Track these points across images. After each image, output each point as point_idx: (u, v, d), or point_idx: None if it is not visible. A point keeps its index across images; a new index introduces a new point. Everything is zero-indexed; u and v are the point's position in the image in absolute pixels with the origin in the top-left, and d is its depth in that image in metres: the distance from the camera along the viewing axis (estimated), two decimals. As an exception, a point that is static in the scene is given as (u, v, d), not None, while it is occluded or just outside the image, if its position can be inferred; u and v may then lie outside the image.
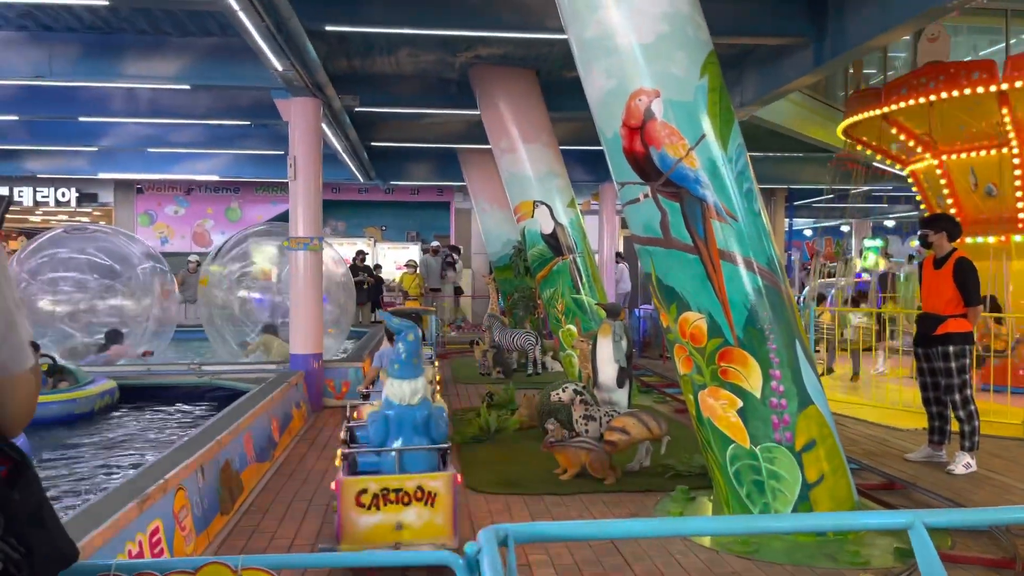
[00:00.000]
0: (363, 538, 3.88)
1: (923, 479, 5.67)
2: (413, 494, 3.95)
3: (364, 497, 3.90)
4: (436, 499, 3.96)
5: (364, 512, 3.90)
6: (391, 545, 3.87)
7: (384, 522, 3.91)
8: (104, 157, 15.73)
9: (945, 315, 5.89)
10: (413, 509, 3.94)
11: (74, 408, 7.33)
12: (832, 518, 3.19)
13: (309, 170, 8.51)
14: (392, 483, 3.94)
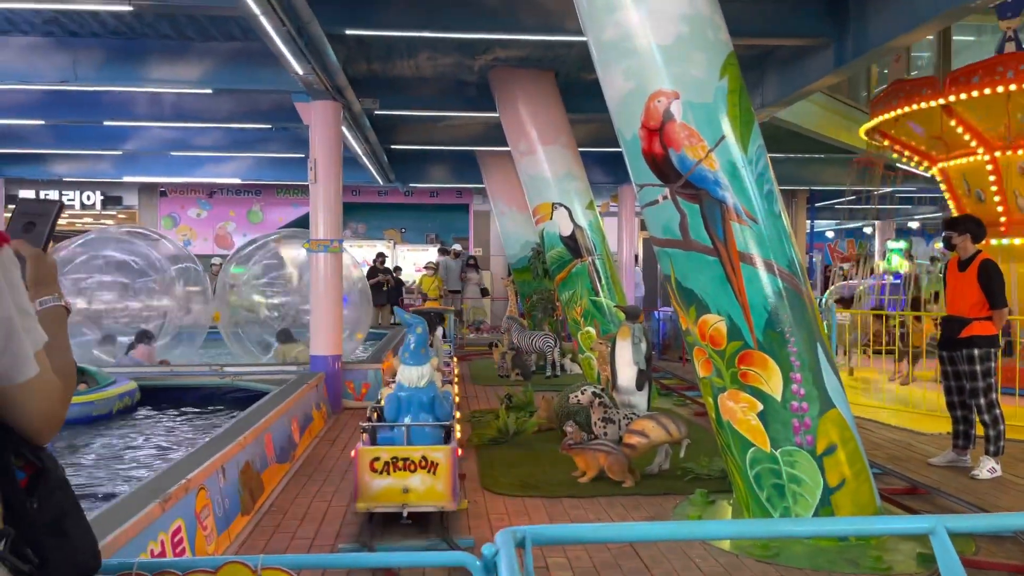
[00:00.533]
0: (374, 497, 4.57)
1: (947, 484, 5.60)
2: (418, 463, 4.57)
3: (377, 464, 4.57)
4: (438, 468, 4.58)
5: (376, 476, 4.56)
6: (398, 506, 4.57)
7: (393, 485, 4.57)
8: (128, 161, 15.94)
9: (970, 318, 5.81)
10: (418, 476, 4.57)
11: (91, 410, 7.42)
12: (852, 523, 3.16)
13: (329, 173, 8.57)
14: (401, 453, 4.59)
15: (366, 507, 4.59)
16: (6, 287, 1.25)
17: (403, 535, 4.59)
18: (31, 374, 1.26)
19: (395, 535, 4.60)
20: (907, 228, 24.26)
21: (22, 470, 1.30)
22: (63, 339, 1.43)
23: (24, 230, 1.47)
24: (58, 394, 1.33)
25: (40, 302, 1.42)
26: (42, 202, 1.52)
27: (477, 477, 5.83)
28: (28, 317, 1.29)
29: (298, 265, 11.43)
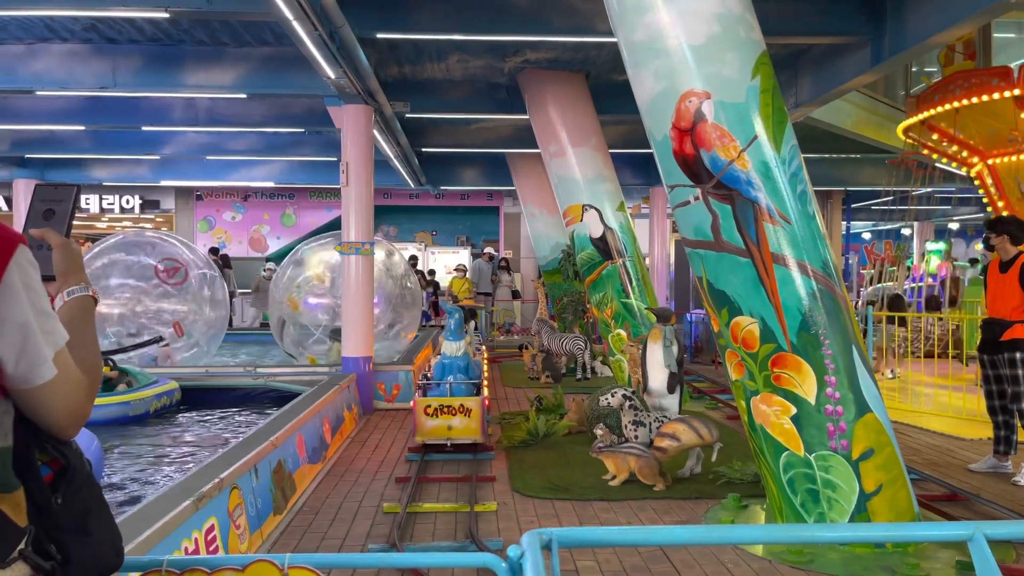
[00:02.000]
0: (428, 433, 6.52)
1: (987, 490, 5.46)
2: (458, 408, 6.54)
3: (429, 409, 6.53)
4: (471, 412, 6.55)
5: (429, 418, 6.53)
6: (444, 439, 6.49)
7: (440, 424, 6.52)
8: (165, 165, 16.24)
9: (1012, 320, 5.66)
10: (457, 418, 6.53)
11: (128, 410, 7.56)
12: (888, 528, 3.09)
13: (361, 176, 8.64)
14: (446, 402, 6.55)
15: (422, 440, 6.52)
16: (23, 289, 1.22)
17: (433, 536, 4.61)
18: (48, 376, 1.24)
19: (425, 536, 4.61)
20: (946, 229, 23.75)
21: (47, 466, 1.29)
22: (89, 331, 1.40)
23: (44, 218, 1.43)
24: (82, 390, 1.31)
25: (68, 292, 1.40)
26: (60, 187, 1.47)
27: (507, 479, 5.83)
28: (47, 318, 1.26)
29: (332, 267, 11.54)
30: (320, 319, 10.83)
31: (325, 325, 10.75)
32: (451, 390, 6.70)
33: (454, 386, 6.75)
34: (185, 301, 10.61)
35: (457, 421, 6.49)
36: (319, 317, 10.84)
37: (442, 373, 6.98)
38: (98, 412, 7.36)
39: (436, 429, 6.49)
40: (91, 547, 1.30)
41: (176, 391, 8.32)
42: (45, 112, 10.91)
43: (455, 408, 6.52)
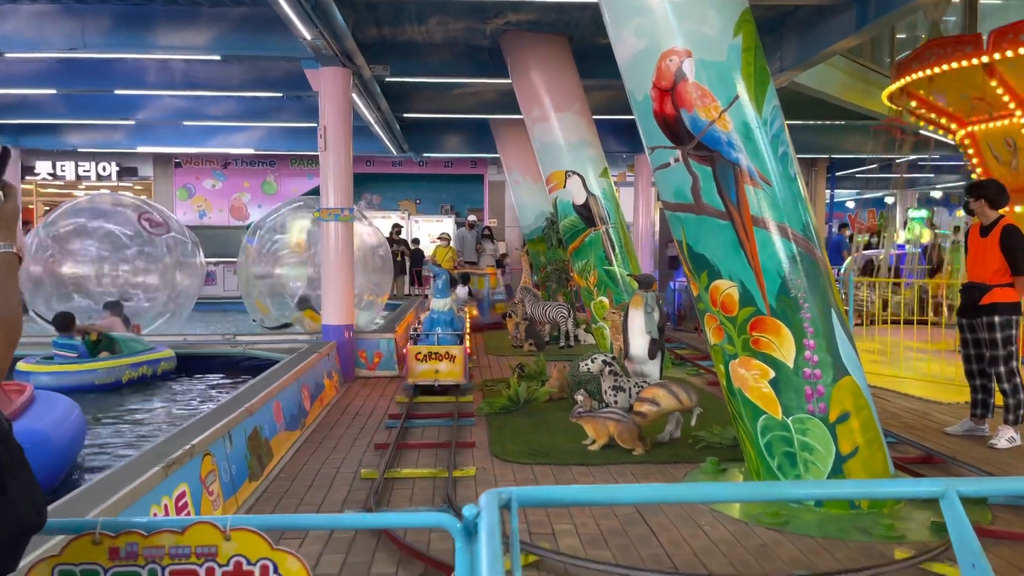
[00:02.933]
0: (418, 375, 7.60)
1: (963, 453, 5.50)
2: (444, 355, 7.64)
3: (420, 356, 7.64)
4: (456, 359, 7.66)
5: (419, 363, 7.64)
6: (432, 380, 7.59)
7: (429, 368, 7.62)
8: (142, 131, 15.94)
9: (991, 284, 5.66)
10: (444, 363, 7.64)
11: (93, 378, 7.48)
12: (860, 485, 3.08)
13: (339, 141, 8.49)
14: (434, 349, 7.67)
15: (414, 381, 7.61)
16: None
17: (410, 501, 4.59)
18: None
19: (402, 502, 4.59)
20: (929, 197, 23.84)
21: None
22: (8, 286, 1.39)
23: None
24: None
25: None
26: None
27: (487, 445, 5.81)
28: None
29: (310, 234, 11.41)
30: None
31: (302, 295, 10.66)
32: (438, 340, 7.83)
33: (441, 336, 7.88)
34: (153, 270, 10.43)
35: (443, 366, 7.63)
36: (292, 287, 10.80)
37: (431, 325, 8.17)
38: (64, 379, 7.27)
39: (425, 372, 7.63)
40: (7, 506, 1.26)
41: (162, 361, 8.22)
42: (16, 76, 10.64)
43: (441, 355, 7.64)
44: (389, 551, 3.77)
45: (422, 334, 8.01)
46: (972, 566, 1.57)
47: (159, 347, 8.33)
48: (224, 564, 1.55)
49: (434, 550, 3.74)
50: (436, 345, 7.69)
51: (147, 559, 1.54)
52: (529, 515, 4.24)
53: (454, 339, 7.86)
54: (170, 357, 8.35)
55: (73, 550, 1.55)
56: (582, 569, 3.54)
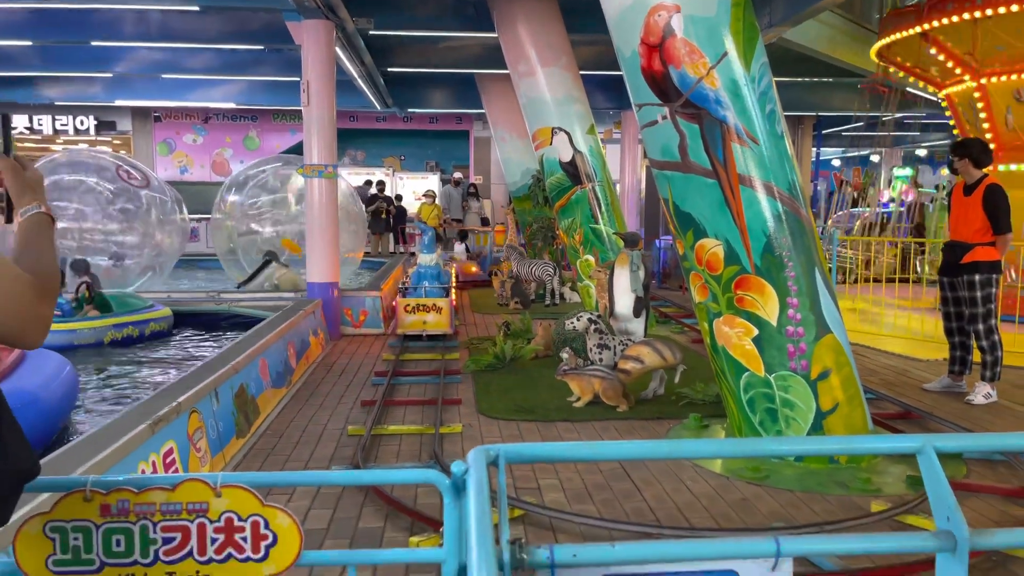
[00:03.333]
0: (407, 326, 8.12)
1: (941, 409, 5.61)
2: (431, 307, 8.13)
3: (408, 308, 8.13)
4: (442, 310, 8.16)
5: (408, 314, 8.14)
6: (420, 330, 8.12)
7: (417, 320, 8.11)
8: (119, 84, 15.60)
9: (973, 243, 5.72)
10: (431, 314, 8.14)
11: (73, 339, 7.44)
12: (838, 441, 3.15)
13: (323, 95, 8.35)
14: (421, 302, 8.15)
15: (403, 331, 8.14)
16: None
17: (397, 458, 4.63)
18: None
19: (389, 458, 4.64)
20: (914, 156, 23.88)
21: None
22: (44, 243, 1.46)
23: None
24: (23, 286, 1.33)
25: (22, 212, 1.49)
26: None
27: (473, 402, 5.86)
28: None
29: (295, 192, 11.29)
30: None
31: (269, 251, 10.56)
32: (426, 293, 8.32)
33: (428, 290, 8.37)
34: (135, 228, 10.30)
35: (430, 317, 8.14)
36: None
37: (418, 279, 8.61)
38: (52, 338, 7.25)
39: (414, 323, 8.15)
40: (6, 454, 1.29)
41: (153, 321, 8.15)
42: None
43: (429, 307, 8.15)
44: (376, 506, 3.82)
45: (410, 287, 8.49)
46: (947, 519, 1.61)
47: (157, 305, 8.25)
48: (215, 520, 1.56)
49: (421, 504, 3.80)
50: (424, 298, 8.20)
51: (138, 515, 1.56)
52: (515, 470, 4.30)
53: (441, 292, 8.41)
54: (163, 317, 8.28)
55: (64, 507, 1.57)
56: (567, 523, 3.61)
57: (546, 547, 1.40)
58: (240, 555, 1.58)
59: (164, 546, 1.57)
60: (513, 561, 1.35)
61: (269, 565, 1.59)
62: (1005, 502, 3.94)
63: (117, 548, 1.57)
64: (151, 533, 1.57)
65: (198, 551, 1.57)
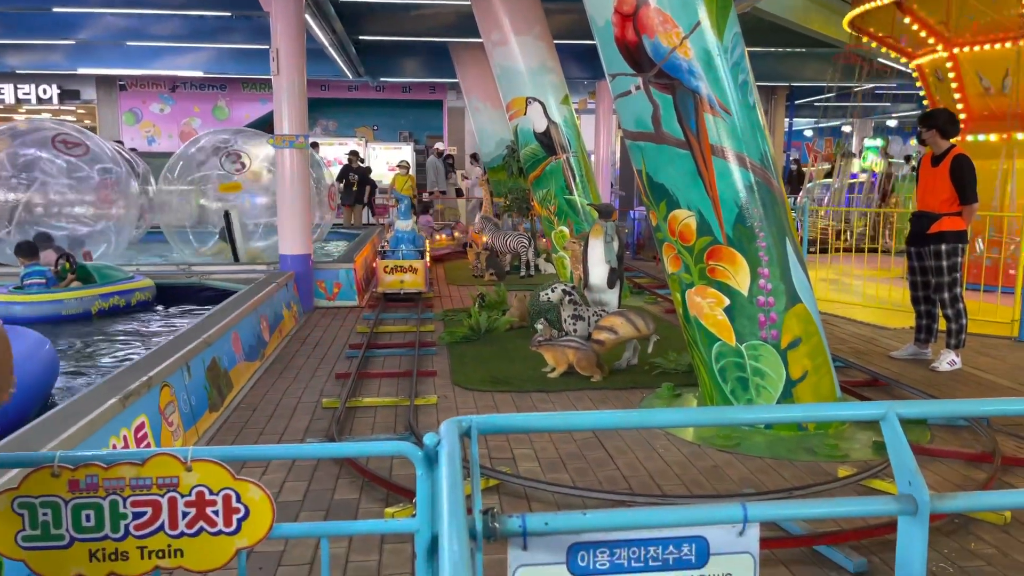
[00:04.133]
0: (387, 285, 8.93)
1: (907, 376, 5.73)
2: (407, 268, 8.97)
3: (387, 268, 8.97)
4: (418, 271, 9.00)
5: (388, 275, 8.97)
6: (398, 289, 8.93)
7: (395, 279, 8.95)
8: (83, 51, 15.19)
9: (940, 213, 5.80)
10: (408, 274, 8.97)
11: (61, 309, 7.31)
12: (806, 409, 3.21)
13: (293, 64, 8.20)
14: (399, 264, 8.96)
15: (383, 290, 8.94)
16: None
17: (372, 429, 4.64)
18: None
19: (364, 430, 4.64)
20: (885, 126, 24.08)
21: None
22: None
23: None
24: None
25: None
26: None
27: (449, 374, 5.87)
28: None
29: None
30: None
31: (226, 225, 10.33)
32: (403, 255, 9.10)
33: (405, 252, 9.17)
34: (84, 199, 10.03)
35: (407, 277, 8.97)
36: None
37: (396, 243, 9.41)
38: (28, 309, 7.12)
39: (392, 283, 8.98)
40: None
41: (138, 291, 8.02)
42: (-58, -9, 9.99)
43: (405, 268, 8.97)
44: (352, 478, 3.84)
45: (389, 251, 9.27)
46: (908, 483, 1.65)
47: (138, 276, 8.13)
48: (186, 494, 1.56)
49: (396, 476, 3.82)
50: (401, 260, 9.02)
51: (108, 490, 1.55)
52: (489, 440, 4.33)
53: (416, 254, 9.22)
54: (146, 287, 8.15)
55: (31, 483, 1.55)
56: (541, 492, 3.65)
57: (518, 516, 1.41)
58: (212, 529, 1.59)
59: (134, 520, 1.57)
60: (485, 530, 1.36)
61: (241, 538, 1.60)
62: (967, 466, 4.05)
63: (87, 523, 1.57)
64: (121, 508, 1.56)
65: (169, 525, 1.57)
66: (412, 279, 8.96)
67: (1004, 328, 7.11)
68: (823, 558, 3.05)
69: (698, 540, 1.52)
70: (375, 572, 2.96)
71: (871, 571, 2.96)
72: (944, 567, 3.00)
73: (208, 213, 10.61)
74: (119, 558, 1.58)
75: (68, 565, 1.56)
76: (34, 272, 7.52)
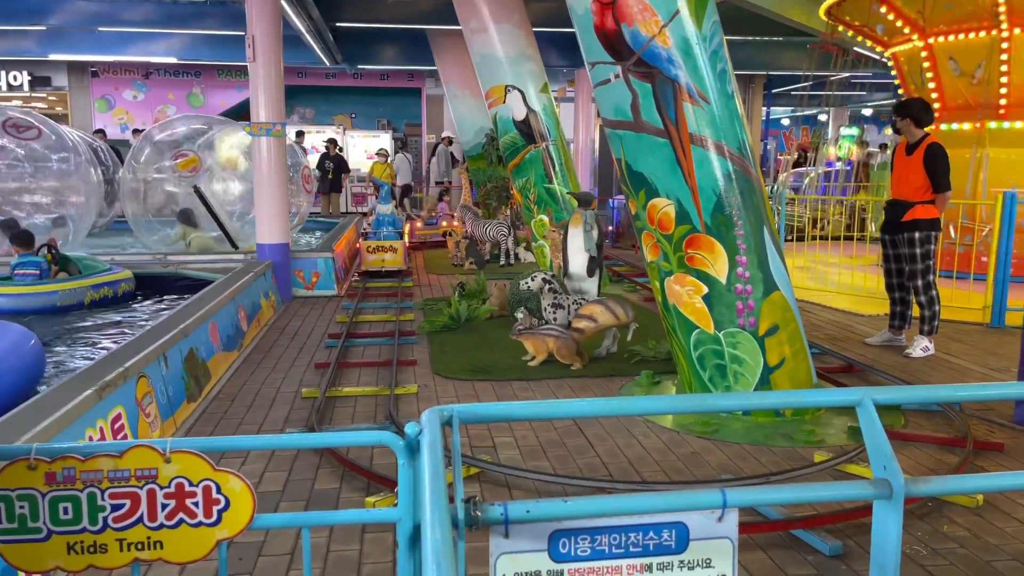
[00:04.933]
0: (369, 264, 9.96)
1: (881, 362, 5.82)
2: (388, 248, 9.99)
3: (370, 248, 10.00)
4: (397, 251, 10.06)
5: (370, 254, 9.98)
6: (380, 266, 9.98)
7: (377, 258, 9.97)
8: (54, 37, 14.91)
9: (913, 201, 5.87)
10: (388, 254, 10.01)
11: (57, 300, 7.21)
12: (783, 396, 3.25)
13: (269, 50, 8.10)
14: (380, 244, 10.02)
15: (367, 268, 9.97)
16: None
17: (352, 419, 4.63)
18: None
19: (344, 419, 4.63)
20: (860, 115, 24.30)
21: None
22: None
23: None
24: None
25: None
26: None
27: (429, 363, 5.87)
28: None
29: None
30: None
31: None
32: (384, 236, 10.12)
33: (385, 234, 10.18)
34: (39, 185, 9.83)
35: (388, 256, 10.06)
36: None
37: (378, 225, 10.46)
38: (22, 301, 7.02)
39: (375, 261, 10.06)
40: None
41: (124, 282, 7.91)
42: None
43: (386, 247, 10.05)
44: (332, 467, 3.83)
45: (371, 232, 10.30)
46: (883, 468, 1.68)
47: (116, 268, 8.02)
48: (165, 486, 1.55)
49: (377, 465, 3.82)
50: (383, 240, 10.03)
51: (85, 483, 1.53)
52: (470, 429, 4.34)
53: (396, 236, 10.21)
54: (129, 278, 8.04)
55: (7, 476, 1.53)
56: (522, 479, 3.66)
57: (500, 504, 1.42)
58: (192, 520, 1.58)
59: (113, 513, 1.55)
60: (467, 519, 1.37)
61: (222, 529, 1.59)
62: (940, 450, 4.12)
63: (65, 516, 1.55)
64: (99, 500, 1.55)
65: (148, 517, 1.56)
66: (392, 258, 10.05)
67: (976, 315, 7.23)
68: (799, 542, 3.09)
69: (678, 526, 1.54)
70: (356, 561, 2.96)
71: (846, 554, 3.01)
72: (918, 549, 3.06)
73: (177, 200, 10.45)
74: (98, 551, 1.56)
75: (46, 558, 1.55)
76: (29, 263, 7.39)
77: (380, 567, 2.92)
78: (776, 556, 3.00)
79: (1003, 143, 9.16)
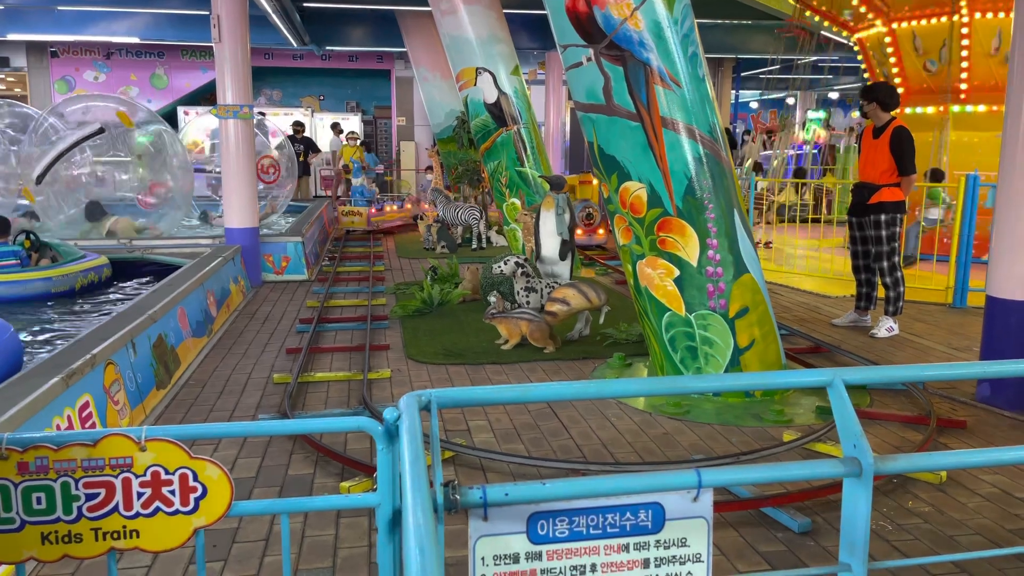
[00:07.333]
0: (345, 225, 13.37)
1: (848, 342, 5.93)
2: (357, 213, 13.38)
3: (344, 212, 13.51)
4: (362, 215, 13.35)
5: (345, 216, 13.45)
6: (351, 227, 13.28)
7: (349, 220, 13.36)
8: (11, 16, 14.47)
9: (879, 184, 5.97)
10: (357, 217, 13.37)
11: (51, 286, 7.06)
12: (755, 377, 3.30)
13: (235, 31, 7.95)
14: (352, 209, 13.53)
15: (344, 227, 13.13)
16: None
17: (325, 404, 4.61)
18: None
19: (317, 405, 4.61)
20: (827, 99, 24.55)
21: None
22: None
23: None
24: None
25: None
26: None
27: (402, 347, 5.86)
28: None
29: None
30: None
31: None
32: (354, 203, 13.21)
33: (356, 201, 13.35)
34: None
35: (356, 219, 13.20)
36: None
37: (353, 193, 13.50)
38: (18, 288, 6.86)
39: (347, 223, 13.17)
40: None
41: (106, 267, 7.76)
42: None
43: (356, 213, 13.24)
44: (306, 453, 3.82)
45: (348, 199, 13.55)
46: (853, 446, 1.72)
47: (90, 255, 7.85)
48: (141, 474, 1.53)
49: (351, 450, 3.81)
50: (354, 207, 13.24)
51: (59, 472, 1.51)
52: (445, 413, 4.34)
53: (364, 203, 13.29)
54: (108, 263, 7.89)
55: (-24, 467, 1.51)
56: (497, 463, 3.68)
57: (479, 487, 1.43)
58: (168, 508, 1.56)
59: (88, 502, 1.54)
60: (447, 503, 1.37)
61: (199, 517, 1.58)
62: (905, 428, 4.22)
63: (38, 506, 1.53)
64: (73, 490, 1.53)
65: (124, 506, 1.54)
66: (359, 220, 13.10)
67: (939, 295, 7.39)
68: (770, 519, 3.16)
69: (654, 506, 1.56)
70: (332, 546, 2.96)
71: (815, 530, 3.07)
72: (884, 525, 3.14)
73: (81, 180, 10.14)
74: (72, 540, 1.55)
75: (20, 548, 1.53)
76: (7, 252, 7.20)
77: (356, 551, 2.93)
78: (747, 534, 3.06)
79: (965, 126, 9.33)
